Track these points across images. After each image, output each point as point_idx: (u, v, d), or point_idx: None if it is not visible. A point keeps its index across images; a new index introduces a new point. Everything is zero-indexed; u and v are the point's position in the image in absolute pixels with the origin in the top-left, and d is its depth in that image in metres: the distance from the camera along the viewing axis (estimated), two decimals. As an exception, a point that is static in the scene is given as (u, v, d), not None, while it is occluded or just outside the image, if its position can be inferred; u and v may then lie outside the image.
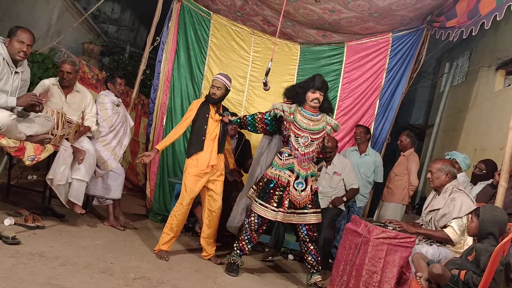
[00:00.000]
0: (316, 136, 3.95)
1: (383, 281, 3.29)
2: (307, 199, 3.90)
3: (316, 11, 5.36)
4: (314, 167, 4.06)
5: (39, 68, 5.74)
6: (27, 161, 3.74)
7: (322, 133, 3.99)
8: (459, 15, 4.88)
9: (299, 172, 3.90)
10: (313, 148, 3.94)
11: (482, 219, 2.97)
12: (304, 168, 3.91)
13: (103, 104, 4.74)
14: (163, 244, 4.06)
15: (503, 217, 3.00)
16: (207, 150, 4.16)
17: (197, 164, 4.12)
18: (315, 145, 3.94)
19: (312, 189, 3.94)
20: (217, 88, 4.26)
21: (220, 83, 4.26)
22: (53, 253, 3.30)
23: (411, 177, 5.42)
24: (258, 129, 4.19)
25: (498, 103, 5.89)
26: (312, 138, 3.93)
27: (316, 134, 3.95)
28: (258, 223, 3.94)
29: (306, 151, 3.92)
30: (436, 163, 3.69)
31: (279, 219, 3.89)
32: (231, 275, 3.88)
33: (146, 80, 8.29)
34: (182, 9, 5.66)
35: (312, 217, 3.94)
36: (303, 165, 3.91)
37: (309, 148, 3.93)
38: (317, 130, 3.96)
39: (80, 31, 8.37)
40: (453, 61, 8.11)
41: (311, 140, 3.92)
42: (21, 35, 3.66)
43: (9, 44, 3.64)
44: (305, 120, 3.94)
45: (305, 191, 3.89)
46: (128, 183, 7.48)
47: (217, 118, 4.26)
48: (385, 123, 5.74)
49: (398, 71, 5.69)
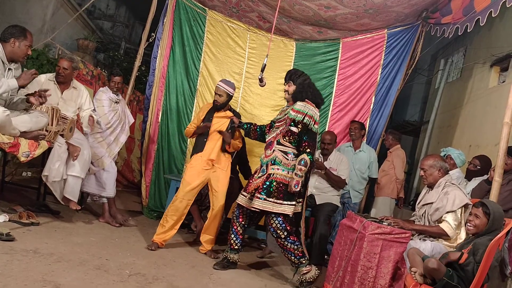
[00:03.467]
0: (279, 124, 3.98)
1: (378, 276, 3.30)
2: (257, 185, 3.85)
3: (311, 7, 5.35)
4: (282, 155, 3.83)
5: (34, 65, 5.71)
6: (22, 157, 3.72)
7: (285, 118, 3.90)
8: (454, 11, 4.88)
9: (262, 160, 3.97)
10: (274, 134, 3.95)
11: (493, 217, 2.97)
12: (266, 156, 3.94)
13: (101, 101, 4.73)
14: (156, 235, 4.15)
15: (503, 211, 3.08)
16: (209, 148, 4.33)
17: (200, 160, 4.30)
18: (277, 131, 3.94)
19: (269, 177, 3.80)
20: (218, 95, 4.42)
21: (222, 90, 4.40)
22: (47, 250, 3.29)
23: (396, 171, 5.60)
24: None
25: (492, 99, 5.92)
26: (276, 125, 3.99)
27: (280, 121, 3.97)
28: (238, 210, 4.02)
29: (268, 138, 4.03)
30: (427, 160, 3.69)
31: (240, 202, 3.96)
32: (214, 267, 3.91)
33: (141, 77, 8.27)
34: (177, 5, 5.64)
35: (256, 202, 3.76)
36: (267, 153, 3.95)
37: (271, 134, 4.01)
38: (281, 117, 3.99)
39: (74, 27, 8.34)
40: (448, 57, 8.15)
41: (275, 127, 4.00)
42: (29, 39, 3.75)
43: (15, 46, 3.66)
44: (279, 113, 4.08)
45: (261, 178, 3.87)
46: (124, 179, 7.47)
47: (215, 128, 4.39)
48: (380, 119, 5.75)
49: (394, 67, 5.69)
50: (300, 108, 3.78)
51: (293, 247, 3.78)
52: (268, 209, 3.74)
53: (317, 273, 3.81)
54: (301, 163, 3.72)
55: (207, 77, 5.71)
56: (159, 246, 4.11)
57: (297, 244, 3.80)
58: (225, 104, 4.46)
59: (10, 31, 3.69)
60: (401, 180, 5.73)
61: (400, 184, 5.70)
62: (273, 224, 3.77)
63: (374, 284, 3.30)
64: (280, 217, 3.76)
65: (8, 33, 3.68)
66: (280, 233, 3.76)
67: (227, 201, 4.70)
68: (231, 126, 4.37)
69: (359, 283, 3.30)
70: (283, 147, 3.87)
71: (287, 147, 3.86)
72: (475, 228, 3.05)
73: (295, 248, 3.78)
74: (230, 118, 4.40)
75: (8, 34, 3.67)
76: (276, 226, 3.76)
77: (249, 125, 4.36)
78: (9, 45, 3.65)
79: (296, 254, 3.79)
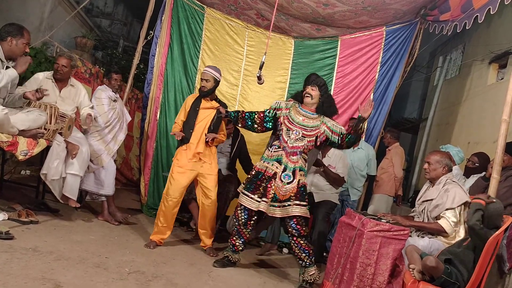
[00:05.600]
0: (308, 133, 3.92)
1: (377, 273, 3.31)
2: (291, 192, 3.82)
3: (310, 5, 5.34)
4: (304, 163, 3.97)
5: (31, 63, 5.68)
6: (20, 155, 3.72)
7: (316, 131, 3.92)
8: (453, 8, 4.88)
9: (287, 164, 3.88)
10: (303, 144, 3.90)
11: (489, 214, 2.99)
12: (292, 161, 3.88)
13: (100, 99, 4.72)
14: (153, 234, 4.17)
15: (502, 208, 3.09)
16: (194, 140, 4.23)
17: (185, 153, 4.22)
18: (305, 141, 3.90)
19: (299, 183, 3.84)
20: (205, 80, 4.30)
21: (208, 75, 4.30)
22: (47, 248, 3.29)
23: (395, 169, 5.61)
24: (257, 126, 4.14)
25: (491, 96, 5.92)
26: (304, 134, 3.91)
27: (309, 130, 3.92)
28: (245, 216, 3.93)
29: (295, 145, 3.90)
30: (434, 155, 3.70)
31: (262, 209, 3.84)
32: (213, 265, 3.92)
33: (139, 75, 8.25)
34: (175, 3, 5.63)
35: (295, 209, 3.77)
36: (292, 158, 3.88)
37: (298, 142, 3.91)
38: (310, 127, 3.93)
39: (72, 25, 8.31)
40: (447, 55, 8.14)
41: (302, 135, 3.91)
42: (27, 37, 3.74)
43: (12, 44, 3.66)
44: (300, 116, 3.98)
45: (291, 184, 3.83)
46: (122, 177, 7.47)
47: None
48: (379, 117, 5.75)
49: (392, 65, 5.69)
50: (336, 130, 3.92)
51: (309, 246, 3.86)
52: (305, 214, 3.83)
53: (318, 273, 3.88)
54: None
55: (205, 74, 5.70)
56: (157, 244, 4.12)
57: (310, 244, 3.90)
58: (212, 90, 4.34)
59: (7, 29, 3.68)
60: (400, 178, 5.74)
61: (398, 182, 5.72)
62: (299, 223, 3.81)
63: (373, 281, 3.31)
64: (302, 217, 3.84)
65: (5, 32, 3.67)
66: (303, 231, 3.82)
67: (225, 199, 4.71)
68: (218, 116, 4.30)
69: (358, 280, 3.31)
70: (305, 155, 3.98)
71: (306, 156, 4.01)
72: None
73: (309, 246, 3.86)
74: (217, 108, 4.32)
75: (5, 32, 3.67)
76: (301, 225, 3.82)
77: (237, 113, 4.24)
78: (6, 44, 3.65)
79: (310, 254, 3.86)
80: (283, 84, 5.82)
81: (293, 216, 3.79)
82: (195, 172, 4.22)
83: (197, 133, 4.26)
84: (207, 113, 4.32)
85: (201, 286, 3.39)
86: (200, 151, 4.22)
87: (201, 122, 4.29)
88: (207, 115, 4.31)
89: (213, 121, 4.30)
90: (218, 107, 4.32)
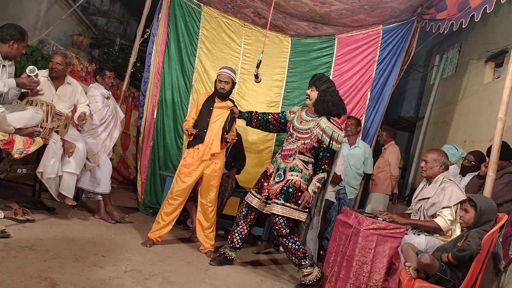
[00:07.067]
0: (301, 136, 3.90)
1: (373, 271, 3.32)
2: (276, 191, 3.84)
3: (307, 3, 5.34)
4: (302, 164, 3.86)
5: (28, 61, 5.67)
6: (16, 154, 3.71)
7: (308, 134, 3.87)
8: (449, 7, 4.89)
9: (280, 165, 3.94)
10: (295, 146, 3.88)
11: (480, 209, 3.03)
12: (285, 162, 3.91)
13: (93, 97, 4.71)
14: (152, 232, 4.15)
15: (495, 204, 3.13)
16: (208, 140, 4.18)
17: (197, 152, 4.17)
18: (299, 144, 3.87)
19: (287, 183, 3.82)
20: (224, 82, 4.23)
21: (227, 77, 4.23)
22: (43, 246, 3.28)
23: (391, 168, 5.64)
24: (272, 126, 4.22)
25: (487, 95, 5.94)
26: (298, 136, 3.91)
27: (302, 133, 3.90)
28: (245, 209, 4.02)
29: (288, 147, 3.93)
30: (431, 153, 3.71)
31: (254, 204, 3.95)
32: (210, 263, 3.93)
33: (136, 73, 8.25)
34: (172, 1, 5.62)
35: (274, 207, 3.77)
36: (286, 160, 3.91)
37: (291, 145, 3.91)
38: (304, 130, 3.90)
39: (69, 23, 8.29)
40: (443, 53, 8.16)
41: (296, 138, 3.91)
42: (27, 40, 3.85)
43: (13, 48, 3.73)
44: (299, 119, 3.99)
45: (279, 183, 3.86)
46: (119, 176, 7.46)
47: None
48: (376, 115, 5.76)
49: (389, 63, 5.70)
50: (328, 131, 3.81)
51: (294, 247, 3.79)
52: (287, 214, 3.77)
53: (319, 275, 3.77)
54: (321, 181, 3.83)
55: (202, 73, 5.70)
56: (154, 243, 4.11)
57: (298, 244, 3.81)
58: (230, 92, 4.31)
59: (10, 32, 3.71)
60: (396, 176, 5.76)
61: (395, 180, 5.75)
62: (277, 223, 3.79)
63: (369, 279, 3.32)
64: (285, 217, 3.78)
65: (8, 35, 3.70)
66: (284, 231, 3.77)
67: (221, 198, 4.70)
68: (232, 117, 4.28)
69: (354, 278, 3.32)
70: (304, 157, 3.89)
71: (308, 157, 3.90)
72: (465, 222, 3.14)
73: (296, 248, 3.79)
74: (231, 108, 4.29)
75: (8, 35, 3.70)
76: (280, 224, 3.78)
77: (250, 114, 4.28)
78: (7, 46, 3.71)
79: (297, 255, 3.79)
80: (280, 82, 5.82)
81: (273, 214, 3.80)
82: (202, 172, 4.19)
83: (211, 133, 4.19)
84: (220, 112, 4.26)
85: (198, 284, 3.39)
86: (217, 152, 4.17)
87: (215, 122, 4.22)
88: (220, 114, 4.25)
89: (227, 121, 4.25)
90: (232, 107, 4.29)
